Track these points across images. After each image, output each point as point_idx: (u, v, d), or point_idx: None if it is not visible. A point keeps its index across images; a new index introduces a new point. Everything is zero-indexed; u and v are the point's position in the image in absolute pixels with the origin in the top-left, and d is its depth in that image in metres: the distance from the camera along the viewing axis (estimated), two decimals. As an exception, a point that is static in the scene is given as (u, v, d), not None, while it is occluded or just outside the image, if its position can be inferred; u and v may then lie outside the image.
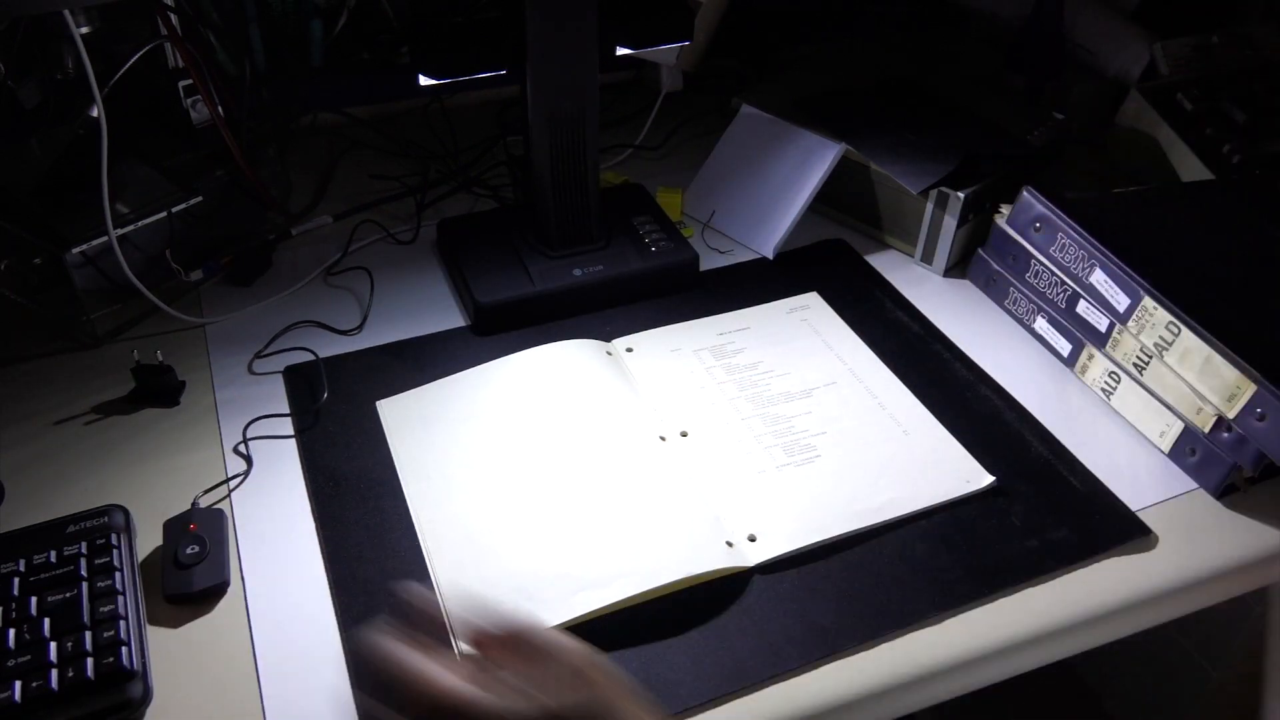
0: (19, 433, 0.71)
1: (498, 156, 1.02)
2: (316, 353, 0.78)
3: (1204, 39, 1.01)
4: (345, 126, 1.07)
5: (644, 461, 0.69)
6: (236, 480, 0.68)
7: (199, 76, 0.82)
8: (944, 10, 1.17)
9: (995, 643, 0.59)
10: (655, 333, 0.80)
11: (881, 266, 0.90)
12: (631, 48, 0.80)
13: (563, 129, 0.78)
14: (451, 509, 0.65)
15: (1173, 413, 0.70)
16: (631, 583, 0.60)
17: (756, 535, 0.64)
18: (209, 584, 0.60)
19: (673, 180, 0.99)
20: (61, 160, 0.82)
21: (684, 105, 1.12)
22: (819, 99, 0.98)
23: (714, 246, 0.92)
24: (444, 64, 0.75)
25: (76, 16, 0.78)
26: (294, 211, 0.95)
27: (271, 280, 0.87)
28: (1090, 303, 0.75)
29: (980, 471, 0.69)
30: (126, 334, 0.81)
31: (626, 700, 0.42)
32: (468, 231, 0.88)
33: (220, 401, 0.74)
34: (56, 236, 0.76)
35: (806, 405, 0.74)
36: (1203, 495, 0.69)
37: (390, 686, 0.40)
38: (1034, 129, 0.94)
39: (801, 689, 0.56)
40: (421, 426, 0.71)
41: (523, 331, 0.81)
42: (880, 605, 0.60)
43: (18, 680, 0.53)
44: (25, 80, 0.79)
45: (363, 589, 0.61)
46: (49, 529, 0.61)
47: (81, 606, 0.56)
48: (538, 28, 0.72)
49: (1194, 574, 0.63)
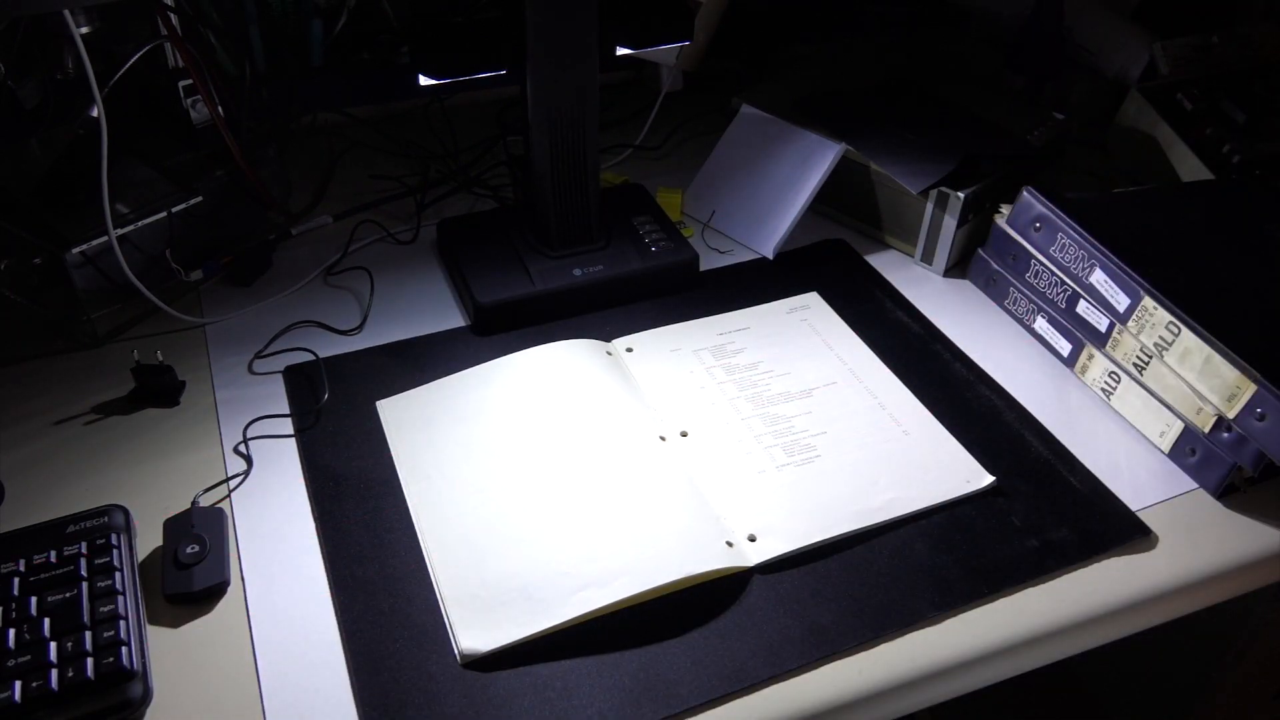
0: (19, 433, 0.71)
1: (498, 156, 1.02)
2: (316, 353, 0.78)
3: (1204, 39, 1.01)
4: (345, 126, 1.07)
5: (644, 461, 0.69)
6: (236, 480, 0.68)
7: (199, 76, 0.82)
8: (944, 10, 1.17)
9: (995, 643, 0.59)
10: (655, 333, 0.80)
11: (881, 266, 0.90)
12: (631, 48, 0.80)
13: (563, 129, 0.78)
14: (451, 509, 0.65)
15: (1173, 413, 0.70)
16: (631, 582, 0.60)
17: (756, 535, 0.64)
18: (209, 584, 0.60)
19: (673, 180, 0.99)
20: (61, 160, 0.82)
21: (684, 105, 1.12)
22: (819, 99, 0.98)
23: (714, 246, 0.92)
24: (444, 64, 0.75)
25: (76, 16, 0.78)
26: (294, 211, 0.95)
27: (271, 280, 0.87)
28: (1090, 303, 0.75)
29: (980, 471, 0.69)
30: (126, 334, 0.81)
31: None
32: (468, 231, 0.88)
33: (220, 401, 0.74)
34: (56, 236, 0.76)
35: (806, 405, 0.74)
36: (1203, 495, 0.69)
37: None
38: (1034, 129, 0.94)
39: (801, 689, 0.56)
40: (421, 426, 0.71)
41: (523, 331, 0.81)
42: (880, 605, 0.60)
43: (18, 680, 0.53)
44: (25, 80, 0.79)
45: (363, 589, 0.61)
46: (49, 529, 0.61)
47: (81, 606, 0.56)
48: (538, 28, 0.72)
49: (1194, 574, 0.63)
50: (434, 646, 0.57)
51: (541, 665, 0.57)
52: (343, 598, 0.60)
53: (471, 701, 0.55)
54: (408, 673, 0.56)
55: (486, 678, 0.56)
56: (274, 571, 0.62)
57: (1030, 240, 0.80)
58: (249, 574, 0.62)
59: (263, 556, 0.63)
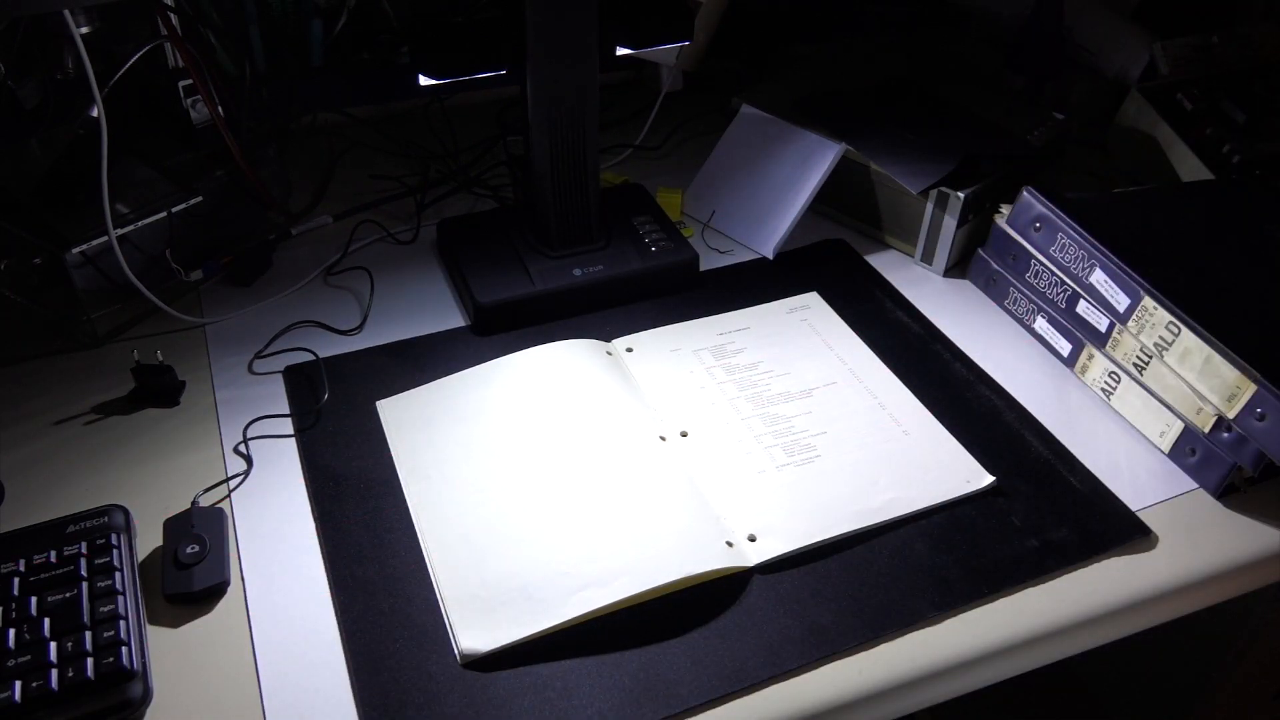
0: (19, 433, 0.71)
1: (498, 156, 1.02)
2: (316, 353, 0.78)
3: (1204, 39, 1.01)
4: (345, 126, 1.07)
5: (644, 461, 0.69)
6: (236, 480, 0.68)
7: (199, 76, 0.82)
8: (944, 10, 1.17)
9: (995, 643, 0.59)
10: (655, 332, 0.80)
11: (881, 266, 0.90)
12: (631, 48, 0.80)
13: (563, 129, 0.78)
14: (451, 509, 0.65)
15: (1173, 413, 0.70)
16: (631, 582, 0.60)
17: (756, 535, 0.64)
18: (209, 584, 0.60)
19: (673, 180, 0.99)
20: (61, 160, 0.82)
21: (684, 105, 1.12)
22: (819, 99, 0.98)
23: (714, 246, 0.92)
24: (444, 64, 0.75)
25: (76, 16, 0.78)
26: (294, 211, 0.95)
27: (271, 280, 0.87)
28: (1090, 303, 0.75)
29: (980, 471, 0.69)
30: (126, 334, 0.81)
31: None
32: (468, 231, 0.88)
33: (220, 401, 0.74)
34: (56, 236, 0.76)
35: (806, 405, 0.74)
36: (1203, 495, 0.69)
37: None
38: (1034, 129, 0.94)
39: (801, 689, 0.56)
40: (422, 426, 0.71)
41: (523, 331, 0.81)
42: (880, 605, 0.60)
43: (18, 680, 0.53)
44: (25, 80, 0.79)
45: (363, 589, 0.61)
46: (49, 529, 0.61)
47: (81, 606, 0.56)
48: (538, 28, 0.72)
49: (1194, 574, 0.63)
50: (434, 646, 0.57)
51: (541, 665, 0.57)
52: (343, 598, 0.60)
53: (471, 701, 0.55)
54: (408, 673, 0.56)
55: (486, 678, 0.56)
56: (274, 571, 0.62)
57: (1030, 240, 0.80)
58: (249, 574, 0.62)
59: (263, 556, 0.63)
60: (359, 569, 0.62)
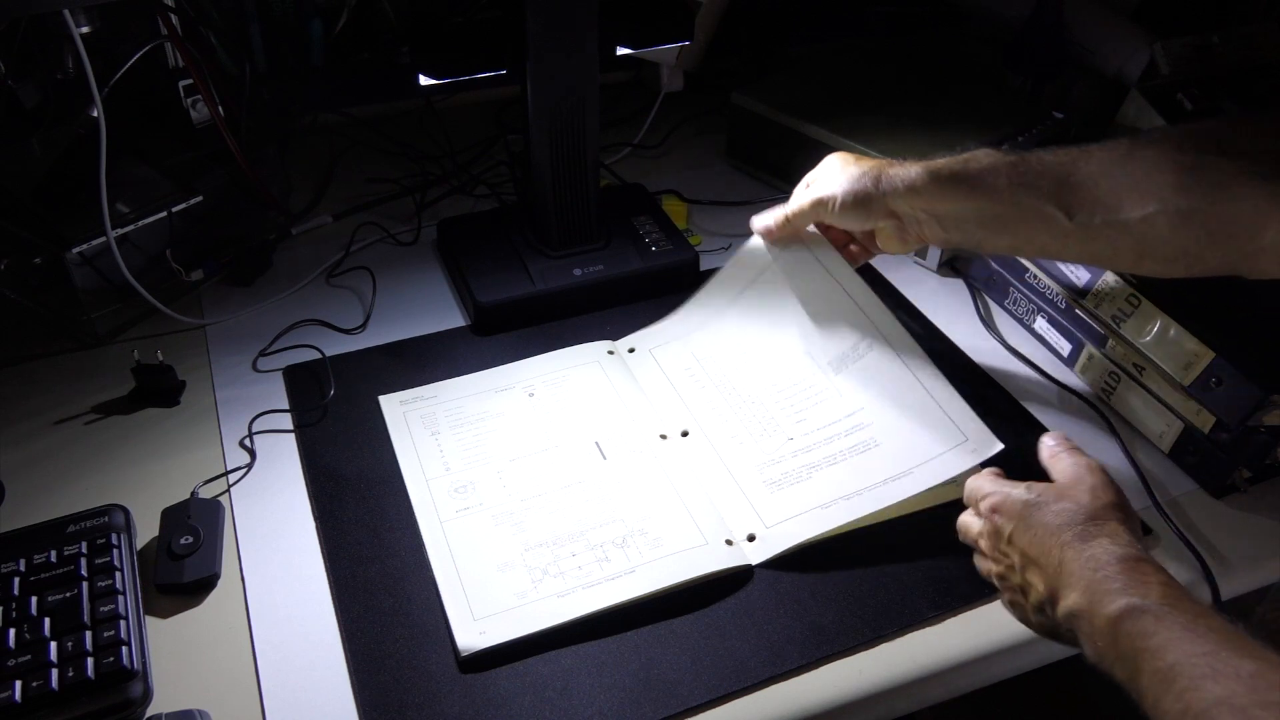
0: (19, 433, 0.71)
1: (498, 156, 1.02)
2: (322, 350, 0.78)
3: (1204, 39, 1.00)
4: (345, 126, 1.07)
5: (645, 460, 0.69)
6: (237, 475, 0.68)
7: (199, 76, 0.82)
8: (944, 10, 1.17)
9: (995, 643, 0.59)
10: (656, 331, 0.80)
11: (879, 265, 0.90)
12: (631, 48, 0.80)
13: (563, 129, 0.78)
14: (454, 507, 0.65)
15: (1173, 413, 0.70)
16: (632, 581, 0.60)
17: (756, 534, 0.64)
18: (198, 576, 0.60)
19: (672, 180, 0.99)
20: (61, 160, 0.81)
21: (684, 105, 1.12)
22: (819, 99, 0.98)
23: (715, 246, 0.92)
24: (444, 64, 0.75)
25: (76, 16, 0.78)
26: (294, 211, 0.95)
27: (272, 280, 0.87)
28: (1050, 279, 0.76)
29: (989, 438, 0.68)
30: (126, 334, 0.81)
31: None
32: (468, 231, 0.88)
33: (220, 401, 0.74)
34: (56, 236, 0.76)
35: (806, 404, 0.74)
36: (1203, 495, 0.69)
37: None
38: (1034, 129, 0.94)
39: (802, 689, 0.56)
40: (424, 425, 0.71)
41: (523, 331, 0.81)
42: (880, 605, 0.60)
43: (18, 680, 0.53)
44: (25, 80, 0.79)
45: (363, 588, 0.61)
46: (49, 529, 0.61)
47: (82, 606, 0.56)
48: (538, 28, 0.72)
49: (1194, 574, 0.63)
50: (434, 645, 0.57)
51: (541, 665, 0.57)
52: (343, 596, 0.60)
53: (471, 701, 0.55)
54: (408, 672, 0.56)
55: (486, 677, 0.56)
56: (274, 571, 0.62)
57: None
58: (249, 572, 0.62)
59: (262, 554, 0.63)
60: (359, 568, 0.62)
